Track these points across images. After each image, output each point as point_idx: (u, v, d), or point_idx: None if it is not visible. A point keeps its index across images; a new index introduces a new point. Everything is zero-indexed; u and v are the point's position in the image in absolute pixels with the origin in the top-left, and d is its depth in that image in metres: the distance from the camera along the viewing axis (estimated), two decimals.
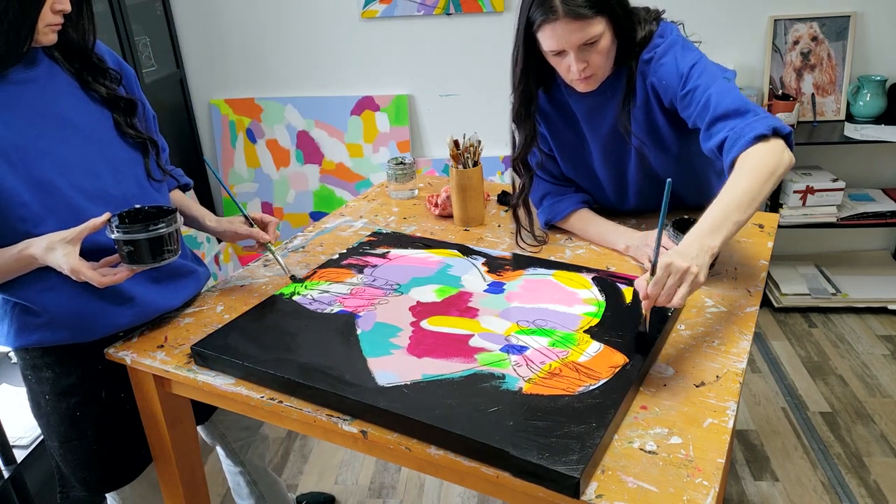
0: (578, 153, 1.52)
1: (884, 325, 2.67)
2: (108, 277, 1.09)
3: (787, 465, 2.04)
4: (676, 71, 1.30)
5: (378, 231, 1.59)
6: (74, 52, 1.18)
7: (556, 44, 1.27)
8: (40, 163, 1.09)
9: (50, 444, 1.28)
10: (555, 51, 1.29)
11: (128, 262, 1.10)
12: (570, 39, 1.25)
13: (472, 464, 0.91)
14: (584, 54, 1.28)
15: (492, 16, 2.80)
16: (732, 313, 1.21)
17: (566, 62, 1.30)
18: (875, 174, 2.88)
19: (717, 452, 0.90)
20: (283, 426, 1.13)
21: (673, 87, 1.31)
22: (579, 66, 1.29)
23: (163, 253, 1.11)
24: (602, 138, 1.46)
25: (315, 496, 2.00)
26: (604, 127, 1.44)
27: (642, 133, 1.40)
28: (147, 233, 1.08)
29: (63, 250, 1.05)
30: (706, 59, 1.33)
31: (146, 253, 1.10)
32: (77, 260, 1.06)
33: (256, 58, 3.00)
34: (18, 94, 1.10)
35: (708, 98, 1.24)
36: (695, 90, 1.27)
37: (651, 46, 1.34)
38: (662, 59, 1.32)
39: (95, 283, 1.07)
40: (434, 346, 1.11)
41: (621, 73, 1.38)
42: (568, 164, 1.55)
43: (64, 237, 1.06)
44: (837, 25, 2.65)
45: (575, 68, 1.29)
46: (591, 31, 1.25)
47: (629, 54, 1.35)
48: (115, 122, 1.21)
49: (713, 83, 1.25)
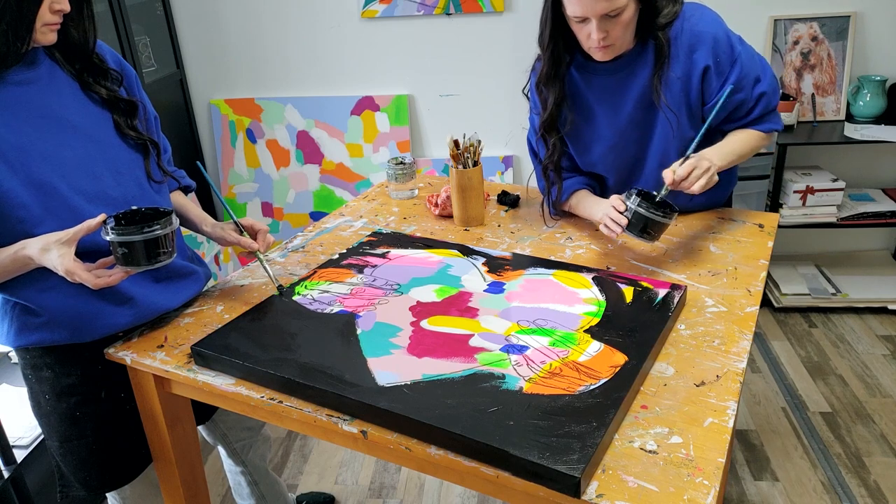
0: (585, 143, 1.54)
1: (884, 325, 2.67)
2: (102, 279, 1.08)
3: (787, 465, 2.04)
4: (731, 52, 1.41)
5: (378, 231, 1.59)
6: (75, 52, 1.17)
7: (581, 10, 1.29)
8: (40, 164, 1.09)
9: (50, 443, 1.28)
10: (579, 17, 1.32)
11: (122, 263, 1.09)
12: (594, 8, 1.28)
13: (472, 464, 0.91)
14: (605, 24, 1.31)
15: (492, 16, 2.80)
16: (732, 313, 1.21)
17: (587, 29, 1.33)
18: (875, 174, 2.88)
19: (717, 452, 0.90)
20: (283, 426, 1.13)
21: (725, 67, 1.41)
22: (599, 34, 1.32)
23: (158, 255, 1.10)
24: (623, 119, 1.48)
25: (315, 496, 2.00)
26: (626, 105, 1.46)
27: (676, 104, 1.43)
28: (142, 234, 1.07)
29: (58, 251, 1.05)
30: (746, 45, 1.45)
31: (141, 255, 1.09)
32: (72, 261, 1.05)
33: (256, 58, 3.00)
34: (19, 95, 1.09)
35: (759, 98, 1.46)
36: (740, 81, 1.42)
37: (693, 18, 1.40)
38: (717, 34, 1.40)
39: (90, 285, 1.07)
40: (434, 345, 1.11)
41: (647, 46, 1.41)
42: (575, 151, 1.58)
43: (59, 238, 1.05)
44: (837, 25, 2.65)
45: (595, 36, 1.32)
46: (616, 3, 1.28)
47: (651, 28, 1.38)
48: (115, 123, 1.21)
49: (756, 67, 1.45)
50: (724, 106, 1.39)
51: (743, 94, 1.44)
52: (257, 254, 1.34)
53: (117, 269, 1.11)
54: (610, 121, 1.49)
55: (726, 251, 1.43)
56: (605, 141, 1.52)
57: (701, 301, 1.25)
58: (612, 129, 1.50)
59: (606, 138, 1.51)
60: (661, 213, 1.31)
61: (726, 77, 1.41)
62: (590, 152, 1.56)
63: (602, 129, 1.51)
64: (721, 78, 1.41)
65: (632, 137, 1.50)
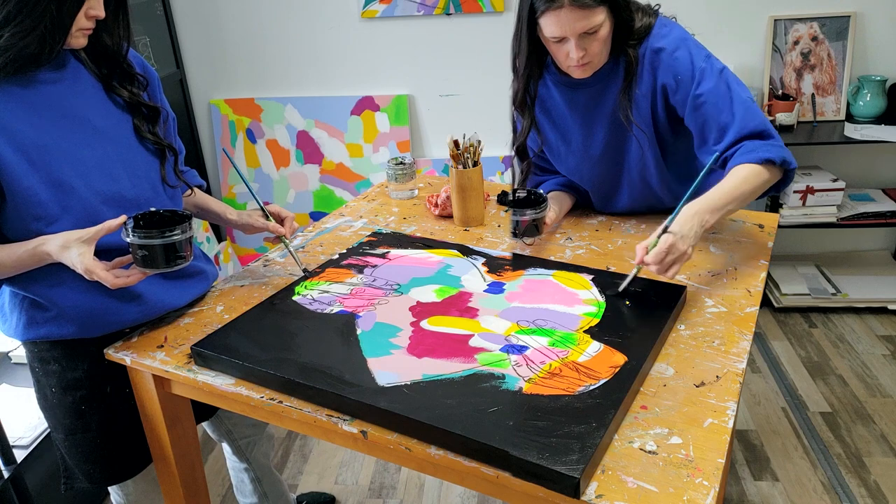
0: (563, 156, 1.56)
1: (884, 325, 2.67)
2: (120, 279, 1.10)
3: (787, 465, 2.04)
4: (692, 68, 1.34)
5: (378, 231, 1.59)
6: (106, 57, 1.19)
7: (560, 31, 1.29)
8: (60, 163, 1.11)
9: (55, 436, 1.29)
10: (557, 38, 1.32)
11: (141, 265, 1.12)
12: (573, 27, 1.28)
13: (472, 464, 0.91)
14: (583, 42, 1.31)
15: (492, 16, 2.79)
16: (732, 313, 1.21)
17: (565, 48, 1.33)
18: (875, 174, 2.88)
19: (717, 452, 0.90)
20: (283, 426, 1.13)
21: (686, 84, 1.35)
22: (578, 53, 1.32)
23: (176, 259, 1.12)
24: (602, 131, 1.48)
25: (315, 496, 2.00)
26: (603, 119, 1.46)
27: (644, 122, 1.42)
28: (162, 239, 1.10)
29: (78, 250, 1.07)
30: (717, 62, 1.36)
31: (160, 258, 1.11)
32: (91, 260, 1.07)
33: (256, 58, 3.00)
34: (44, 95, 1.12)
35: (731, 117, 1.32)
36: (707, 96, 1.33)
37: (658, 36, 1.37)
38: (676, 53, 1.35)
39: (108, 285, 1.09)
40: (434, 346, 1.11)
41: (619, 61, 1.40)
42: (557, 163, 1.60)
43: (80, 237, 1.07)
44: (837, 25, 2.65)
45: (574, 55, 1.32)
46: (593, 20, 1.28)
47: (625, 43, 1.37)
48: (135, 126, 1.23)
49: (735, 102, 1.32)
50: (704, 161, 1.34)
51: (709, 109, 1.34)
52: (283, 239, 1.39)
53: (135, 269, 1.13)
54: (585, 137, 1.50)
55: (726, 251, 1.43)
56: (581, 155, 1.53)
57: (701, 301, 1.25)
58: (588, 145, 1.50)
59: (583, 153, 1.52)
60: (535, 210, 1.41)
61: (687, 94, 1.35)
62: (567, 165, 1.57)
63: (578, 145, 1.52)
64: (683, 95, 1.36)
65: (607, 153, 1.50)
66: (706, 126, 1.35)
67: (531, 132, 1.52)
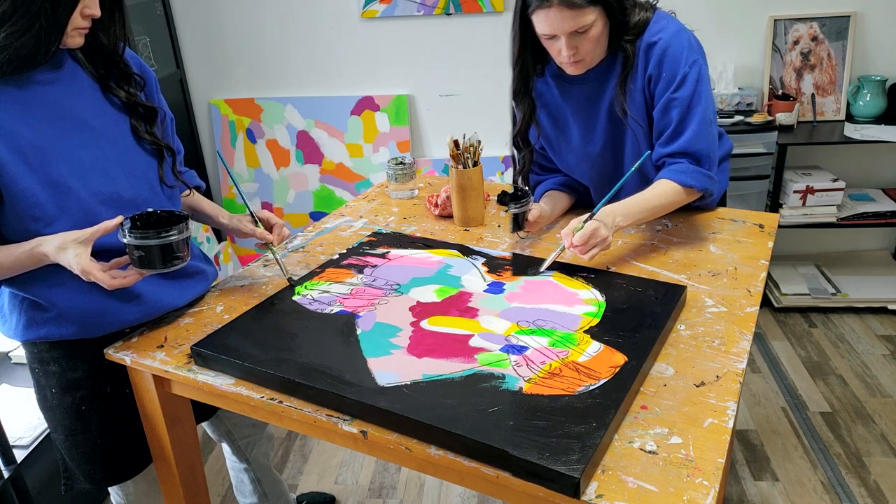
0: (563, 153, 1.56)
1: (884, 325, 2.67)
2: (117, 280, 1.10)
3: (787, 465, 2.04)
4: (676, 70, 1.35)
5: (378, 231, 1.59)
6: (102, 56, 1.19)
7: (549, 29, 1.31)
8: (58, 164, 1.11)
9: (55, 436, 1.29)
10: (547, 35, 1.32)
11: (138, 266, 1.11)
12: (562, 26, 1.29)
13: (472, 464, 0.91)
14: (574, 40, 1.32)
15: (492, 16, 2.79)
16: (732, 313, 1.21)
17: (557, 45, 1.34)
18: (875, 174, 2.88)
19: (717, 452, 0.90)
20: (283, 426, 1.13)
21: (666, 83, 1.36)
22: (569, 51, 1.32)
23: (173, 259, 1.12)
24: (600, 127, 1.48)
25: (315, 496, 2.00)
26: (602, 115, 1.46)
27: (639, 115, 1.42)
28: (159, 239, 1.09)
29: (75, 251, 1.07)
30: (700, 69, 1.37)
31: (157, 258, 1.10)
32: (88, 261, 1.07)
33: (256, 58, 3.00)
34: (41, 96, 1.11)
35: (685, 128, 1.38)
36: (678, 102, 1.36)
37: (654, 30, 1.37)
38: (668, 49, 1.36)
39: (105, 285, 1.09)
40: (434, 346, 1.11)
41: (617, 56, 1.40)
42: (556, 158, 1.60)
43: (77, 237, 1.07)
44: (837, 25, 2.65)
45: (565, 53, 1.33)
46: (583, 20, 1.28)
47: (622, 39, 1.38)
48: (132, 126, 1.23)
49: (696, 118, 1.37)
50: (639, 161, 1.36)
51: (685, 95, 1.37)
52: (270, 246, 1.36)
53: (132, 270, 1.12)
54: (584, 132, 1.50)
55: (726, 251, 1.43)
56: (580, 152, 1.53)
57: (701, 301, 1.25)
58: (587, 142, 1.51)
59: (582, 149, 1.53)
60: (519, 205, 1.43)
61: (664, 93, 1.37)
62: (566, 162, 1.58)
63: (577, 142, 1.52)
64: (660, 92, 1.37)
65: (607, 149, 1.50)
66: (666, 127, 1.40)
67: (531, 129, 1.53)
